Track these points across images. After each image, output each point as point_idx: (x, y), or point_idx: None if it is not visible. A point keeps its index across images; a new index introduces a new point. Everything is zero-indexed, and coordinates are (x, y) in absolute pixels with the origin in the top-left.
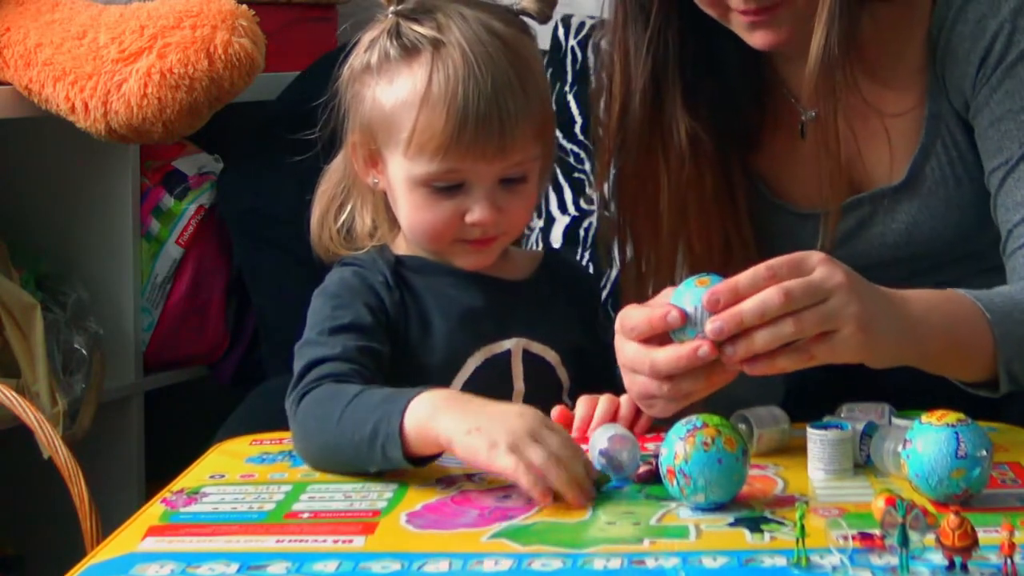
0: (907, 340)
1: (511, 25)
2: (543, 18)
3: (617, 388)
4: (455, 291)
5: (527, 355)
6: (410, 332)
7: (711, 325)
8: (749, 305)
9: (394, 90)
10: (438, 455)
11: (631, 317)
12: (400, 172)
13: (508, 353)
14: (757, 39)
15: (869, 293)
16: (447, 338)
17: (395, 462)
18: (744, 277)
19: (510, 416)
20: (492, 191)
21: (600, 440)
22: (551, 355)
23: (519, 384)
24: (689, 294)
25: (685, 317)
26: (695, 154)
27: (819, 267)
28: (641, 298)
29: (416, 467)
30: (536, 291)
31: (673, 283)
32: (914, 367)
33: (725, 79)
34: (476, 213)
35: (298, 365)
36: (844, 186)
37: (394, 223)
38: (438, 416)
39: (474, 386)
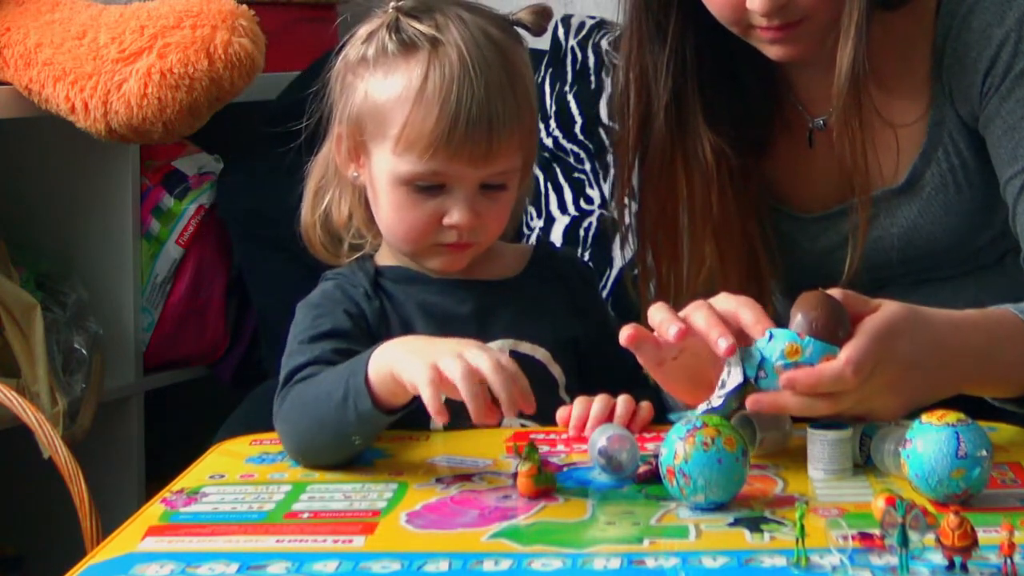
0: (951, 390)
1: (506, 33)
2: (538, 30)
3: (617, 378)
4: (437, 298)
5: (515, 355)
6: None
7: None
8: (794, 403)
9: (388, 85)
10: (409, 404)
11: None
12: (384, 168)
13: None
14: (774, 51)
15: (913, 378)
16: None
17: (367, 418)
18: (830, 374)
19: (448, 342)
20: (472, 196)
21: (599, 440)
22: (541, 352)
23: None
24: (779, 347)
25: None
26: (719, 168)
27: (879, 367)
28: None
29: (390, 418)
30: (524, 288)
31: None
32: None
33: (742, 91)
34: (455, 216)
35: (282, 375)
36: (846, 191)
37: (371, 222)
38: (397, 359)
39: None
